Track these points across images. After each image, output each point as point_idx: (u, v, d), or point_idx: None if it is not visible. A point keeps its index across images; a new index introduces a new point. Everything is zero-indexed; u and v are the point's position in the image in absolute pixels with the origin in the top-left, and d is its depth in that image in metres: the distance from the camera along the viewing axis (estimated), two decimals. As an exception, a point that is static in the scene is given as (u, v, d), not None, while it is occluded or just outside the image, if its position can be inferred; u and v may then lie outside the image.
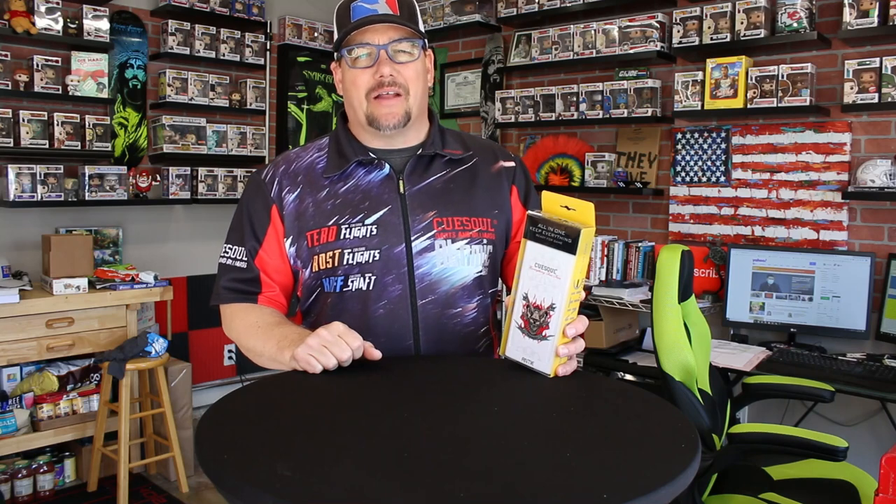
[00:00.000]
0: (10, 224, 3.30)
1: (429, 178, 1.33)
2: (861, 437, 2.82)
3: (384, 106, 1.27)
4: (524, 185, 1.41)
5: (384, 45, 1.25)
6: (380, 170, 1.32)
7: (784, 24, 2.90)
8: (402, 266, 1.28)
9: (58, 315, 3.00)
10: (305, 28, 4.33)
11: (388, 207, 1.29)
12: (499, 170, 1.39)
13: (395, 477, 0.77)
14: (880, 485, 1.18)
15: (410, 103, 1.29)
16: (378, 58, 1.26)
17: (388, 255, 1.27)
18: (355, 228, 1.28)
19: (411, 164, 1.33)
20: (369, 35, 1.25)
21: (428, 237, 1.28)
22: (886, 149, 2.82)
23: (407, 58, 1.28)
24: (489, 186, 1.36)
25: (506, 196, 1.38)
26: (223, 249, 1.36)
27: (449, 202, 1.31)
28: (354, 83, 1.29)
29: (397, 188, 1.31)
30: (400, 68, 1.27)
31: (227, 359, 4.13)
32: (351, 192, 1.31)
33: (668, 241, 3.40)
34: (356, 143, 1.34)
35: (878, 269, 2.77)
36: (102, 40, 3.36)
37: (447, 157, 1.35)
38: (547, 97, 3.63)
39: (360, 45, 1.26)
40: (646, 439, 0.90)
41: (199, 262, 3.98)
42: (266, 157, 4.10)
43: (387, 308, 1.28)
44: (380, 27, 1.25)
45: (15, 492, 3.06)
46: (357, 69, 1.28)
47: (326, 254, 1.28)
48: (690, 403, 1.91)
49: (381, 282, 1.28)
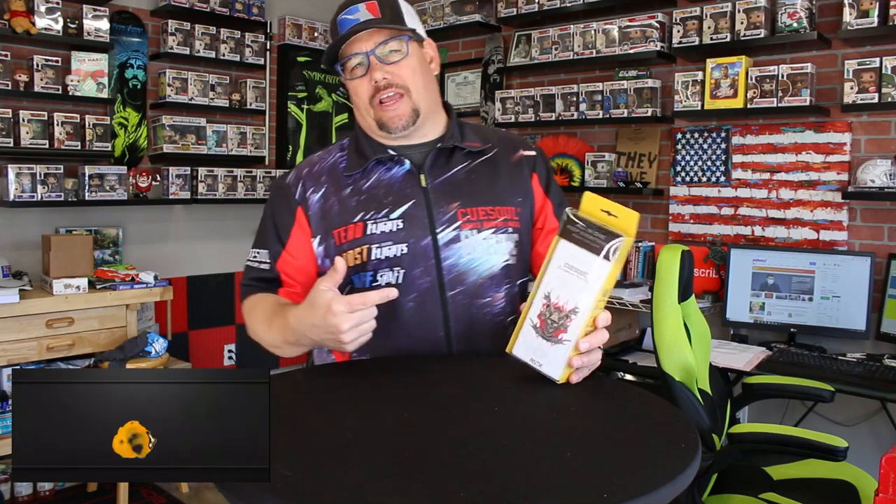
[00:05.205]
0: (10, 224, 3.30)
1: (450, 170, 1.34)
2: (861, 437, 2.82)
3: (389, 110, 1.29)
4: (545, 173, 1.42)
5: (371, 50, 1.27)
6: (400, 166, 1.33)
7: (784, 24, 2.90)
8: (429, 258, 1.28)
9: (58, 315, 3.00)
10: (305, 28, 4.33)
11: (413, 201, 1.30)
12: (519, 159, 1.40)
13: (396, 477, 0.77)
14: (880, 485, 1.18)
15: (415, 99, 1.30)
16: (369, 64, 1.28)
17: (415, 247, 1.28)
18: (381, 223, 1.29)
19: (431, 158, 1.34)
20: (356, 45, 1.28)
21: (453, 228, 1.29)
22: (886, 149, 2.82)
23: (398, 56, 1.29)
24: (511, 175, 1.37)
25: (528, 183, 1.39)
26: (250, 254, 1.39)
27: (472, 192, 1.32)
28: (356, 93, 1.31)
29: (419, 182, 1.32)
30: (393, 69, 1.28)
31: (227, 359, 4.13)
32: (374, 187, 1.32)
33: (668, 241, 3.40)
34: (374, 142, 1.35)
35: (878, 269, 2.77)
36: (102, 40, 3.36)
37: (466, 149, 1.35)
38: (547, 97, 3.63)
39: (350, 56, 1.29)
40: (646, 439, 0.90)
41: (199, 262, 3.98)
42: (266, 157, 4.10)
43: (416, 301, 1.28)
44: (363, 35, 1.27)
45: (15, 492, 3.06)
46: (355, 80, 1.30)
47: (354, 250, 1.29)
48: (690, 403, 1.91)
49: (410, 275, 1.28)
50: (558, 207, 1.42)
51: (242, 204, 4.00)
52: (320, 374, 1.13)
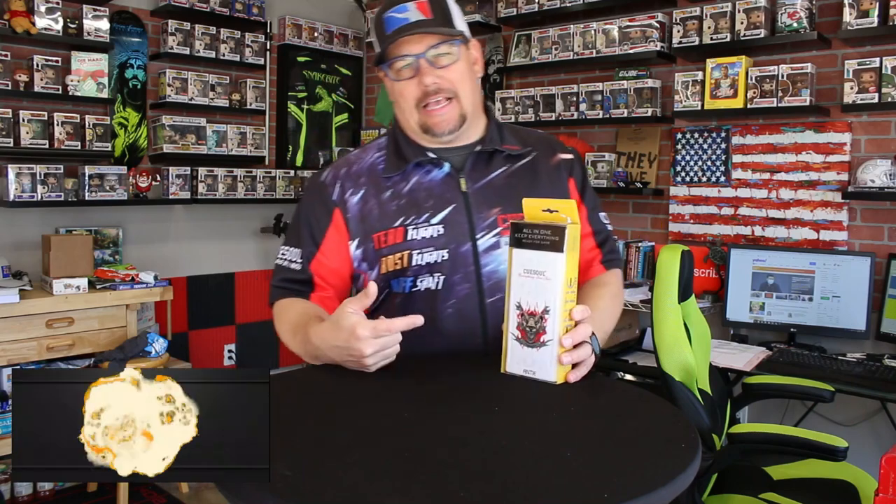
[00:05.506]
0: (10, 224, 3.30)
1: (490, 174, 1.32)
2: (861, 437, 2.82)
3: (435, 115, 1.27)
4: (581, 176, 1.40)
5: (422, 53, 1.24)
6: (439, 168, 1.31)
7: (784, 24, 2.90)
8: (469, 265, 1.27)
9: (58, 315, 3.00)
10: (305, 28, 4.33)
11: (453, 206, 1.29)
12: (557, 162, 1.38)
13: (396, 477, 0.77)
14: (880, 485, 1.18)
15: (463, 104, 1.28)
16: (419, 67, 1.25)
17: (455, 254, 1.27)
18: (422, 229, 1.28)
19: (471, 162, 1.32)
20: (405, 46, 1.24)
21: (493, 235, 1.28)
22: (886, 149, 2.82)
23: (449, 60, 1.26)
24: (550, 179, 1.36)
25: (566, 187, 1.37)
26: (280, 252, 1.36)
27: (512, 198, 1.29)
28: (402, 95, 1.28)
29: (458, 186, 1.30)
30: (443, 73, 1.26)
31: (227, 359, 4.13)
32: (414, 191, 1.30)
33: (668, 241, 3.40)
34: (414, 144, 1.33)
35: (878, 269, 2.77)
36: (102, 40, 3.36)
37: (506, 152, 1.34)
38: (547, 97, 3.63)
39: (398, 57, 1.25)
40: (646, 439, 0.90)
41: (199, 262, 3.98)
42: (266, 157, 4.10)
43: (455, 307, 1.28)
44: (415, 36, 1.23)
45: (15, 492, 3.06)
46: (402, 81, 1.27)
47: (395, 255, 1.28)
48: (690, 403, 1.91)
49: (450, 281, 1.27)
50: (592, 212, 1.40)
51: (242, 204, 4.01)
52: (320, 374, 1.13)
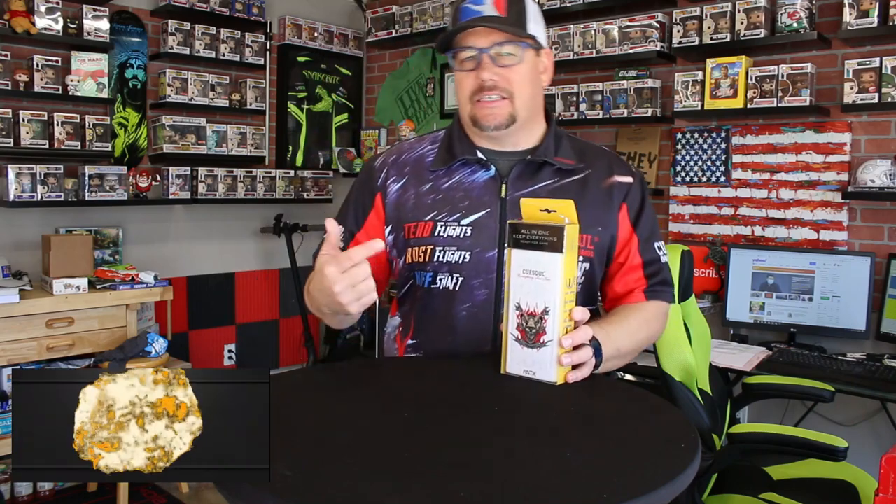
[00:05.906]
0: (10, 224, 3.30)
1: (534, 184, 1.30)
2: (861, 437, 2.82)
3: (485, 108, 1.26)
4: (638, 203, 1.37)
5: (486, 48, 1.24)
6: (485, 170, 1.31)
7: (784, 24, 2.90)
8: (490, 271, 1.27)
9: (58, 315, 3.00)
10: (305, 28, 4.33)
11: (487, 210, 1.28)
12: (611, 185, 1.35)
13: (396, 476, 0.77)
14: (880, 485, 1.18)
15: (517, 107, 1.27)
16: (481, 61, 1.25)
17: (478, 258, 1.27)
18: (450, 227, 1.28)
19: (518, 169, 1.31)
20: (472, 38, 1.25)
21: None
22: (886, 149, 2.82)
23: (512, 60, 1.26)
24: (597, 201, 1.32)
25: (614, 213, 1.34)
26: None
27: None
28: (461, 84, 1.29)
29: (499, 191, 1.30)
30: (503, 72, 1.25)
31: (227, 359, 4.13)
32: (453, 188, 1.31)
33: (668, 241, 3.40)
34: (466, 141, 1.34)
35: (878, 269, 2.77)
36: (102, 40, 3.36)
37: (557, 165, 1.31)
38: (547, 97, 3.62)
39: (463, 48, 1.26)
40: (646, 439, 0.90)
41: (199, 262, 3.98)
42: (266, 157, 4.10)
43: (470, 311, 1.28)
44: (481, 29, 1.23)
45: (15, 492, 3.06)
46: (463, 71, 1.28)
47: (420, 247, 1.29)
48: (690, 403, 1.91)
49: (468, 284, 1.27)
50: (645, 242, 1.37)
51: (242, 204, 4.01)
52: (320, 374, 1.13)
